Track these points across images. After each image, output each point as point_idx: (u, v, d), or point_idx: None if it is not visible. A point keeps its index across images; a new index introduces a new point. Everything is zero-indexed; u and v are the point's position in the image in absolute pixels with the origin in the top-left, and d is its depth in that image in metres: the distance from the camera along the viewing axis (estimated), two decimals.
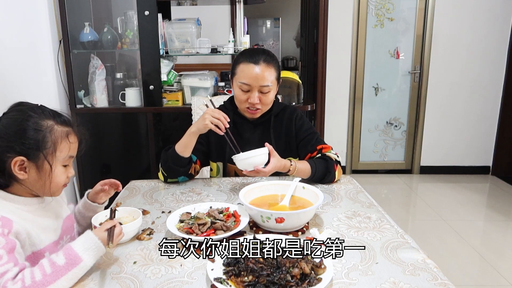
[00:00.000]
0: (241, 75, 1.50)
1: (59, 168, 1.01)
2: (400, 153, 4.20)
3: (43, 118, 0.98)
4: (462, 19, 3.80)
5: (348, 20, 3.86)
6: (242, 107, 1.57)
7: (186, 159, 1.50)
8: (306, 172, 1.50)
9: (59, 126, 1.00)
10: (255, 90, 1.50)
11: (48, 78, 2.57)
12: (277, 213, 1.09)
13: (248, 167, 1.40)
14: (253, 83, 1.49)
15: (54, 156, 0.99)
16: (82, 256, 0.91)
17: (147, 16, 2.55)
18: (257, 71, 1.47)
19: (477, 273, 2.40)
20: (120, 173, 2.82)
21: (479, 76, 3.92)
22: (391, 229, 1.17)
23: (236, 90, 1.54)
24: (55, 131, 0.99)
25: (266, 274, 0.86)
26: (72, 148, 1.03)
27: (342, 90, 4.02)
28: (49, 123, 0.99)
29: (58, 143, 0.99)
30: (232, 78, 1.57)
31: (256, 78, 1.48)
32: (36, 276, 0.84)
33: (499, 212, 3.24)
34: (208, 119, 1.40)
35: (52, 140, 0.98)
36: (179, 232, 1.10)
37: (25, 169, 0.97)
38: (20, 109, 1.00)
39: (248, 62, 1.49)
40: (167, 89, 2.72)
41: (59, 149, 1.00)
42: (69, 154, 1.02)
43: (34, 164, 0.97)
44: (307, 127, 1.64)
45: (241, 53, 1.58)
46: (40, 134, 0.96)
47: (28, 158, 0.96)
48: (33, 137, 0.96)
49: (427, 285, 0.90)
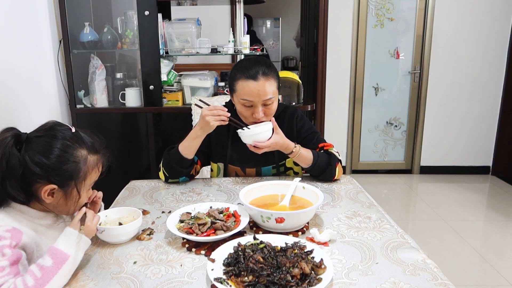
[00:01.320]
0: (241, 92, 1.46)
1: (85, 193, 1.04)
2: (400, 153, 4.20)
3: (78, 148, 0.99)
4: (462, 19, 3.80)
5: (348, 20, 3.86)
6: (247, 121, 1.53)
7: (190, 160, 1.50)
8: (308, 159, 1.50)
9: (91, 155, 1.02)
10: (258, 105, 1.46)
11: (48, 78, 2.57)
12: (277, 213, 1.09)
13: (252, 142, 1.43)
14: (255, 99, 1.44)
15: (83, 184, 1.01)
16: (68, 252, 0.91)
17: (147, 16, 2.55)
18: (258, 87, 1.43)
19: (477, 273, 2.40)
20: (120, 173, 2.81)
21: (479, 76, 3.92)
22: (391, 229, 1.17)
23: (238, 106, 1.51)
24: (88, 162, 1.01)
25: (266, 274, 0.86)
26: (99, 174, 1.07)
27: (342, 90, 4.02)
28: (83, 153, 1.00)
29: (89, 172, 1.02)
30: (232, 93, 1.53)
31: (258, 94, 1.43)
32: (28, 282, 0.85)
33: (499, 212, 3.24)
34: (210, 119, 1.38)
35: (84, 171, 1.00)
36: (179, 232, 1.10)
37: (53, 194, 0.98)
38: (56, 135, 0.98)
39: (246, 78, 1.44)
40: (167, 89, 2.72)
41: (88, 178, 1.02)
42: (96, 179, 1.06)
43: (63, 191, 0.99)
44: (308, 127, 1.64)
45: (237, 67, 1.49)
46: (75, 166, 0.98)
47: (58, 186, 0.97)
48: (67, 168, 0.97)
49: (427, 285, 0.90)
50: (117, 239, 1.09)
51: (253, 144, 1.42)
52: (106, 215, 1.16)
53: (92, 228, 0.99)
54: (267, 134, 1.43)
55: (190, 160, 1.50)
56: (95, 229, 1.01)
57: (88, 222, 0.98)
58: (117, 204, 1.39)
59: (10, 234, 0.91)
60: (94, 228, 1.00)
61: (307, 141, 1.61)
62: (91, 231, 0.99)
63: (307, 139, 1.61)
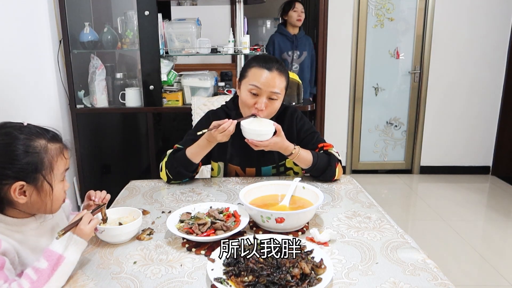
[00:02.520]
0: (252, 77, 1.48)
1: (58, 185, 1.01)
2: (400, 153, 4.20)
3: (34, 139, 0.96)
4: (462, 19, 3.80)
5: (348, 20, 3.86)
6: (246, 112, 1.53)
7: (197, 164, 1.52)
8: (308, 160, 1.51)
9: (51, 144, 0.98)
10: (264, 95, 1.48)
11: (48, 78, 2.57)
12: (277, 213, 1.09)
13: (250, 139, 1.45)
14: (263, 88, 1.47)
15: (52, 175, 0.98)
16: (63, 254, 0.90)
17: (147, 16, 2.55)
18: (269, 76, 1.46)
19: (477, 273, 2.40)
20: (120, 173, 2.82)
21: (479, 76, 3.92)
22: (391, 229, 1.17)
23: (244, 93, 1.51)
24: (50, 150, 0.97)
25: (266, 274, 0.86)
26: (67, 163, 1.03)
27: (342, 90, 4.02)
28: (41, 143, 0.96)
29: (55, 161, 0.98)
30: (241, 80, 1.54)
31: (268, 83, 1.46)
32: (24, 286, 0.85)
33: (499, 212, 3.24)
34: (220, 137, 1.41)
35: (48, 160, 0.97)
36: (179, 232, 1.10)
37: (24, 193, 0.96)
38: (6, 132, 0.96)
39: (261, 67, 1.48)
40: (167, 89, 2.72)
41: (56, 167, 0.99)
42: (65, 168, 1.02)
43: (34, 187, 0.96)
44: (308, 127, 1.64)
45: (255, 57, 1.56)
46: (36, 157, 0.95)
47: (27, 182, 0.94)
48: (29, 160, 0.94)
49: (427, 285, 0.90)
50: (117, 239, 1.09)
51: (250, 141, 1.44)
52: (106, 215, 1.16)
53: (85, 231, 0.96)
54: (267, 137, 1.43)
55: (196, 165, 1.53)
56: (89, 232, 0.97)
57: (81, 225, 0.95)
58: (117, 204, 1.39)
59: None
60: (87, 231, 0.96)
61: (307, 141, 1.61)
62: (85, 234, 0.96)
63: (306, 139, 1.62)
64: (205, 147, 1.48)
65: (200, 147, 1.48)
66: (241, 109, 1.57)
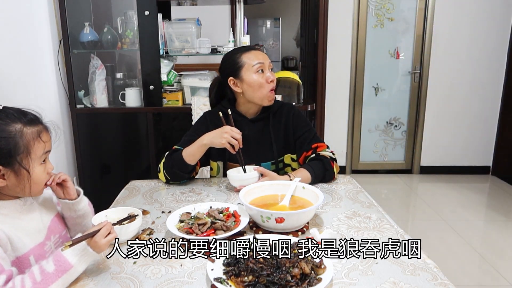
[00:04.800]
0: (252, 58, 1.55)
1: (38, 168, 0.99)
2: (400, 153, 4.20)
3: (9, 123, 0.94)
4: (462, 19, 3.80)
5: (348, 20, 3.86)
6: (264, 91, 1.55)
7: (193, 165, 1.52)
8: (307, 179, 1.50)
9: (28, 127, 0.96)
10: (267, 68, 1.56)
11: (48, 78, 2.57)
12: (277, 213, 1.09)
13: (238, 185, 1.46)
14: (265, 61, 1.56)
15: (29, 159, 0.96)
16: (72, 262, 0.89)
17: (147, 16, 2.55)
18: (259, 53, 1.58)
19: (477, 273, 2.40)
20: (120, 173, 2.82)
21: (479, 76, 3.92)
22: (391, 229, 1.17)
23: (251, 77, 1.53)
24: (26, 134, 0.95)
25: (266, 274, 0.86)
26: (47, 145, 1.00)
27: (342, 90, 4.02)
28: (17, 127, 0.94)
29: (31, 145, 0.96)
30: (239, 72, 1.55)
31: (263, 57, 1.57)
32: (26, 284, 0.84)
33: (499, 212, 3.24)
34: (226, 139, 1.41)
35: (24, 144, 0.95)
36: (179, 232, 1.10)
37: (3, 176, 0.95)
38: None
39: (247, 50, 1.58)
40: (167, 89, 2.72)
41: (33, 151, 0.96)
42: (44, 151, 0.99)
43: (11, 170, 0.95)
44: (304, 124, 1.65)
45: (232, 51, 1.64)
46: (10, 142, 0.93)
47: (3, 166, 0.94)
48: (2, 145, 0.92)
49: (427, 285, 0.90)
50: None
51: (239, 188, 1.41)
52: (106, 215, 1.16)
53: (100, 245, 0.93)
54: (253, 181, 1.43)
55: (193, 166, 1.52)
56: (103, 247, 0.94)
57: (96, 238, 0.93)
58: (117, 204, 1.39)
59: None
60: (102, 245, 0.93)
61: (303, 139, 1.62)
62: (98, 247, 0.93)
63: (302, 138, 1.62)
64: (204, 147, 1.47)
65: (199, 147, 1.47)
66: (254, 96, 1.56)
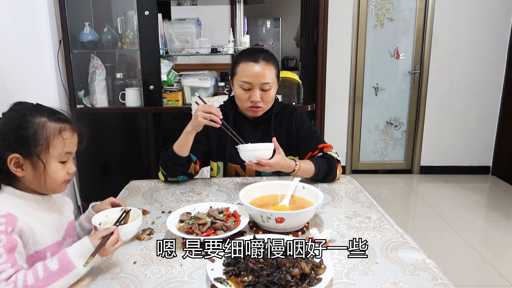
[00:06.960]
0: (241, 74, 1.51)
1: (55, 164, 1.00)
2: (400, 153, 4.20)
3: (37, 116, 0.98)
4: (462, 19, 3.80)
5: (348, 20, 3.86)
6: (244, 106, 1.56)
7: (185, 158, 1.50)
8: (310, 172, 1.51)
9: (52, 123, 0.99)
10: (256, 88, 1.51)
11: (48, 78, 2.57)
12: (277, 213, 1.09)
13: (252, 159, 1.41)
14: (254, 81, 1.49)
15: (47, 153, 0.98)
16: (75, 263, 0.90)
17: (147, 16, 2.55)
18: (257, 69, 1.49)
19: (477, 273, 2.40)
20: (120, 173, 2.82)
21: (479, 76, 3.92)
22: (391, 229, 1.17)
23: (237, 89, 1.54)
24: (47, 128, 0.98)
25: (266, 274, 0.86)
26: (68, 144, 1.01)
27: (342, 90, 4.02)
28: (41, 120, 0.98)
29: (51, 139, 0.98)
30: (233, 78, 1.57)
31: (257, 76, 1.49)
32: (28, 280, 0.85)
33: (499, 212, 3.24)
34: (200, 116, 1.39)
35: (44, 137, 0.97)
36: (179, 232, 1.10)
37: (21, 166, 0.97)
38: (16, 108, 1.01)
39: (248, 61, 1.50)
40: (167, 89, 2.73)
41: (52, 146, 0.98)
42: (64, 150, 1.01)
43: (29, 161, 0.97)
44: (307, 126, 1.64)
45: (240, 53, 1.59)
46: (31, 131, 0.96)
47: (22, 156, 0.96)
48: (23, 133, 0.95)
49: (427, 285, 0.90)
50: None
51: (255, 160, 1.40)
52: (106, 215, 1.16)
53: (107, 251, 0.95)
54: (268, 153, 1.41)
55: (185, 158, 1.50)
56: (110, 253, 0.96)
57: (106, 245, 0.94)
58: None
59: (5, 220, 0.90)
60: (109, 251, 0.96)
61: (307, 140, 1.61)
62: (104, 254, 0.95)
63: (306, 139, 1.62)
64: (186, 133, 1.45)
65: (184, 135, 1.46)
66: (239, 106, 1.59)
